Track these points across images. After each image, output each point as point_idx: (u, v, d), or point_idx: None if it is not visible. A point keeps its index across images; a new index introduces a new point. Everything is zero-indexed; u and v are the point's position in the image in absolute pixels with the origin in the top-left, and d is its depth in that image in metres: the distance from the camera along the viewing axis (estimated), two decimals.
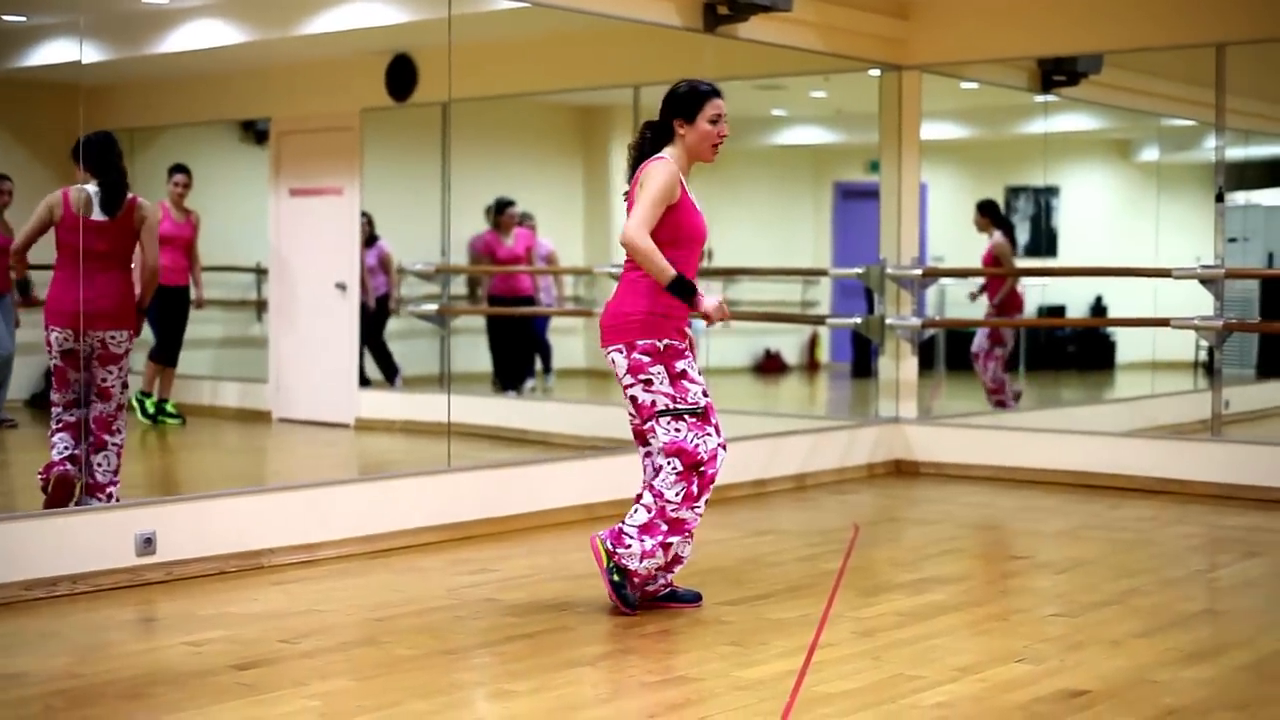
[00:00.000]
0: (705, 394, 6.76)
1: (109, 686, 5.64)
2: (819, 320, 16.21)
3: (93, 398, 7.95)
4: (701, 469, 6.68)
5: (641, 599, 6.88)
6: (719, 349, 14.42)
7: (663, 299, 6.65)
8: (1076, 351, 15.12)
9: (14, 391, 10.57)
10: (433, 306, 12.72)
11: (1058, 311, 14.63)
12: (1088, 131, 15.09)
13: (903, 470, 11.69)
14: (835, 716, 5.23)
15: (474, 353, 13.87)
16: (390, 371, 13.55)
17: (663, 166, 6.73)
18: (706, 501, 6.79)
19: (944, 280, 13.42)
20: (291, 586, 7.49)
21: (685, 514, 6.72)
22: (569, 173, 15.25)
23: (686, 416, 6.69)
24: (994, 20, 11.59)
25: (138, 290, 8.28)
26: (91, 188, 8.05)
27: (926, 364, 12.61)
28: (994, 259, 13.21)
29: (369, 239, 13.56)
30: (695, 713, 5.29)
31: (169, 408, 10.86)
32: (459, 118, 10.30)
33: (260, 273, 13.64)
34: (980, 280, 13.40)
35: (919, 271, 11.61)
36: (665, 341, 6.69)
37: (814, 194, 17.73)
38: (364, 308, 13.26)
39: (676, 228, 6.70)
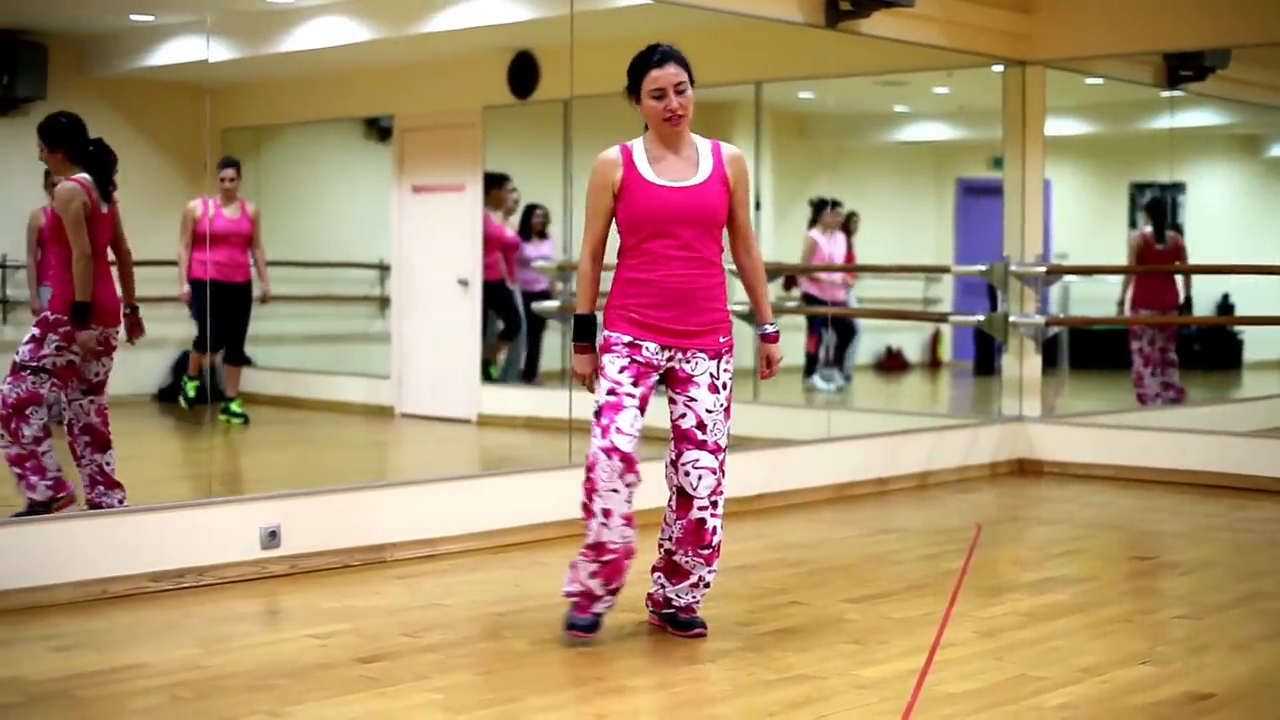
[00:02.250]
0: (614, 393, 6.10)
1: (233, 678, 5.70)
2: (941, 318, 16.14)
3: (87, 394, 7.71)
4: (589, 473, 6.09)
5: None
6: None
7: (627, 296, 6.16)
8: (1202, 350, 14.92)
9: (142, 385, 10.72)
10: (555, 303, 12.78)
11: (1183, 310, 14.46)
12: (1214, 127, 14.90)
13: (1026, 469, 11.59)
14: (956, 717, 5.20)
15: None
16: (530, 370, 13.60)
17: (596, 162, 6.23)
18: (603, 520, 6.07)
19: (1068, 277, 13.28)
20: (413, 580, 7.53)
21: (587, 523, 6.15)
22: None
23: (593, 418, 6.16)
24: (1119, 15, 11.46)
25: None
26: (86, 176, 7.63)
27: (1050, 362, 12.49)
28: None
29: (541, 232, 13.64)
30: (815, 711, 5.28)
31: (235, 407, 10.86)
32: (580, 115, 10.32)
33: (383, 269, 13.74)
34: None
35: (1043, 269, 11.52)
36: (606, 333, 6.20)
37: (936, 190, 17.63)
38: (526, 298, 13.35)
39: (629, 215, 6.16)
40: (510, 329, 13.51)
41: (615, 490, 6.07)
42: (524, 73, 12.51)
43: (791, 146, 15.20)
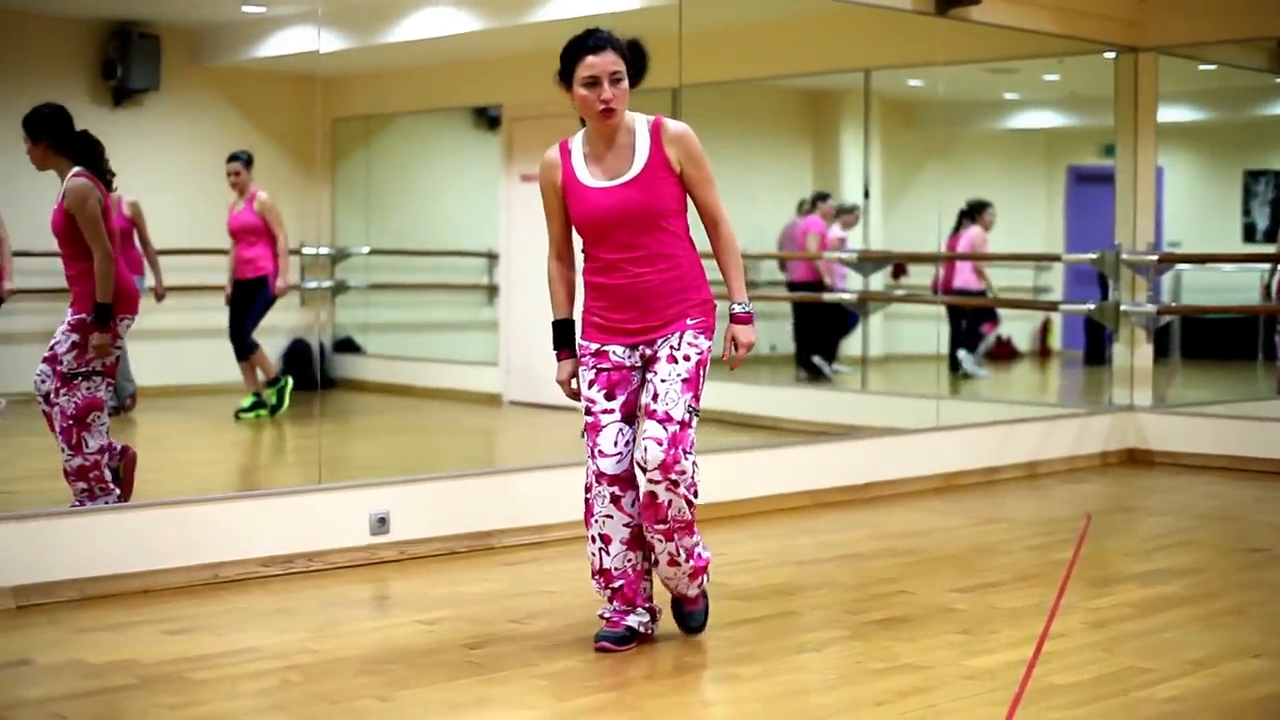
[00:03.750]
0: (590, 412, 5.92)
1: (343, 662, 5.75)
2: (1052, 306, 16.02)
3: (103, 375, 7.49)
4: (586, 497, 5.98)
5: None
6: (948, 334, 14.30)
7: (590, 300, 5.94)
8: None
9: (239, 373, 10.72)
10: None
11: None
12: None
13: (1136, 459, 11.49)
14: (1065, 708, 5.17)
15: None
16: None
17: (540, 170, 5.99)
18: (602, 546, 5.95)
19: (1180, 266, 13.15)
20: (520, 567, 7.57)
21: (588, 546, 6.03)
22: (798, 157, 15.22)
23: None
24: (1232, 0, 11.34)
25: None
26: (84, 170, 7.39)
27: (1162, 351, 12.38)
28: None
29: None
30: (923, 701, 5.26)
31: (244, 402, 10.75)
32: (689, 103, 10.30)
33: (491, 257, 13.80)
34: None
35: (1155, 257, 11.41)
36: (583, 343, 5.98)
37: (1047, 178, 17.50)
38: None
39: (574, 218, 5.91)
40: None
41: (610, 516, 5.91)
42: (633, 61, 12.50)
43: (900, 135, 15.14)
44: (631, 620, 6.00)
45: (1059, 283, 16.69)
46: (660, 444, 5.72)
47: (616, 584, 5.96)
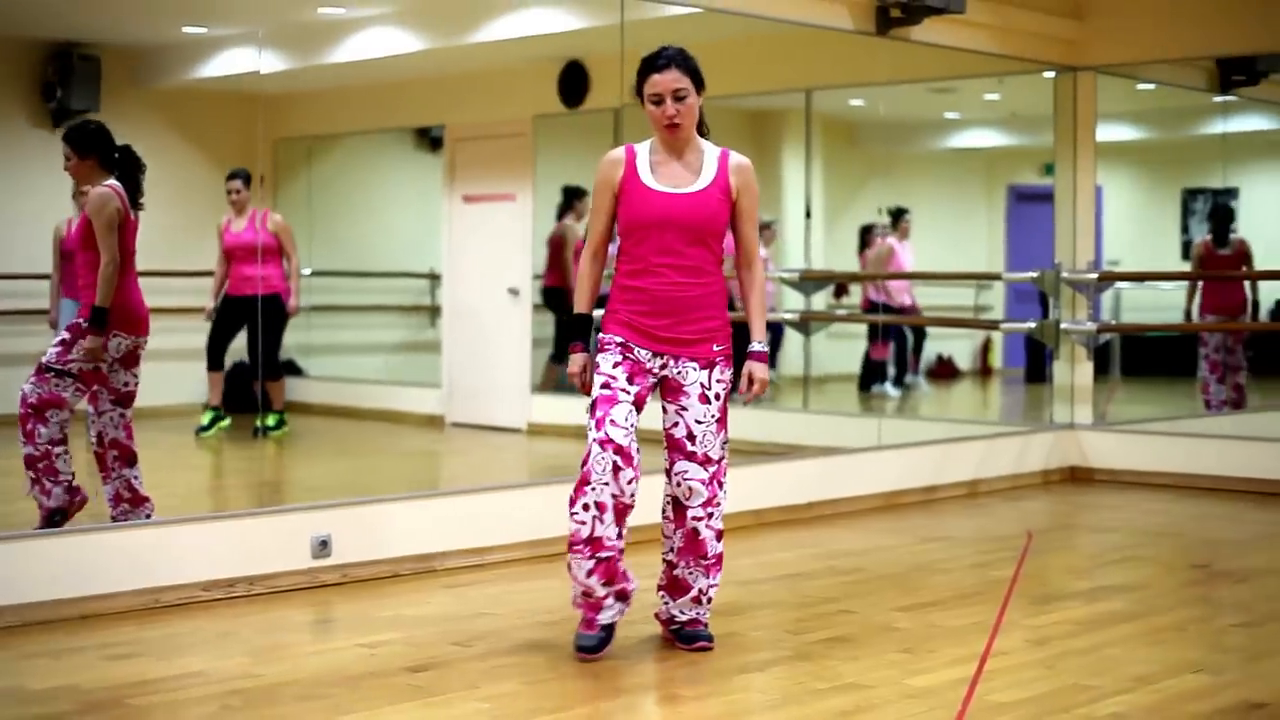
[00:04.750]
0: (609, 386, 6.02)
1: (285, 687, 5.73)
2: (993, 325, 16.07)
3: (116, 405, 7.58)
4: (583, 463, 6.01)
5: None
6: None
7: (619, 302, 6.13)
8: (1256, 356, 14.82)
9: (190, 395, 10.71)
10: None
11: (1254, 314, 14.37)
12: (1268, 132, 14.82)
13: (1078, 477, 11.55)
14: None
15: None
16: None
17: (599, 166, 6.26)
18: (596, 514, 5.98)
19: (1119, 284, 13.23)
20: (463, 590, 7.55)
21: (570, 523, 6.05)
22: None
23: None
24: (1171, 19, 11.42)
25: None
26: (115, 182, 7.54)
27: (1102, 369, 12.45)
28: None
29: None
30: None
31: (269, 420, 10.77)
32: (632, 123, 10.31)
33: (434, 278, 13.78)
34: None
35: (1095, 275, 11.47)
36: (602, 335, 6.16)
37: (987, 197, 17.58)
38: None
39: (624, 217, 6.13)
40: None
41: (607, 484, 5.97)
42: (574, 82, 12.54)
43: (842, 154, 15.19)
44: (604, 617, 6.14)
45: (1000, 301, 16.76)
46: (705, 484, 6.14)
47: (605, 554, 6.04)
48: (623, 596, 6.19)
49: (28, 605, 6.72)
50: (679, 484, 6.15)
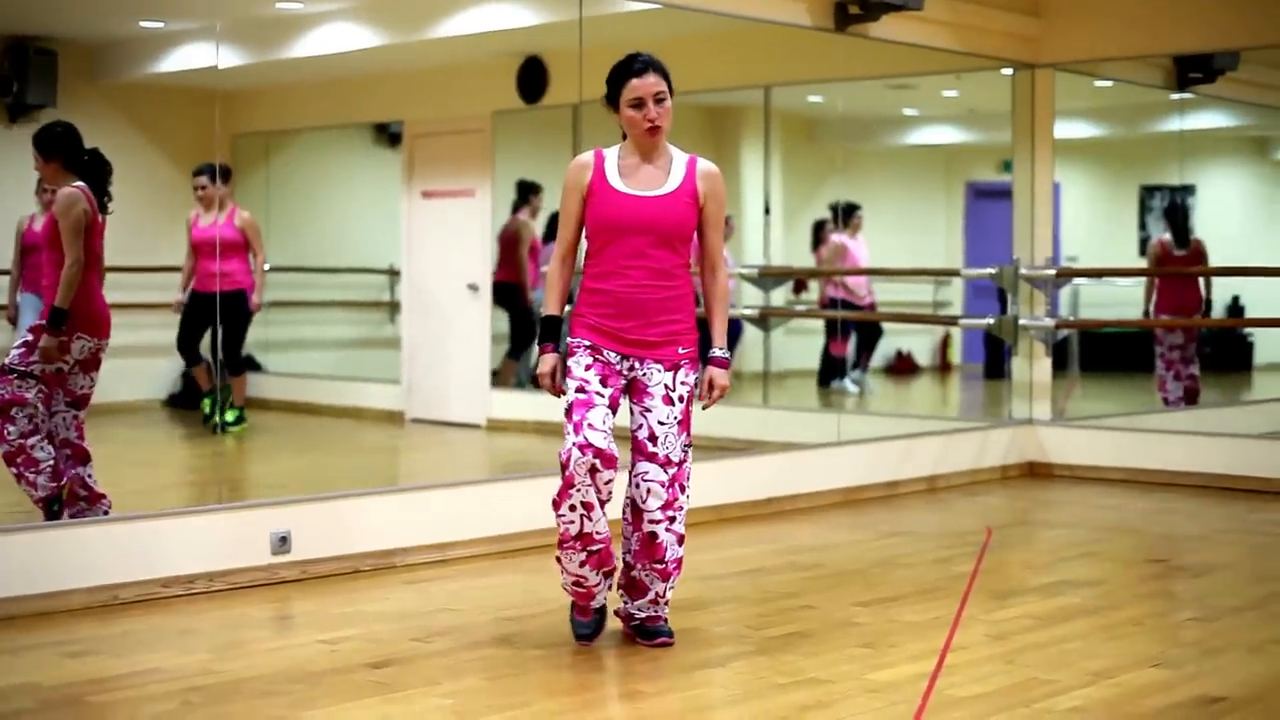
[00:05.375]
0: (583, 390, 6.03)
1: (245, 683, 5.71)
2: (951, 321, 16.12)
3: (71, 406, 7.63)
4: (563, 470, 5.99)
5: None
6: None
7: (586, 305, 6.14)
8: (1213, 352, 14.90)
9: (150, 391, 10.70)
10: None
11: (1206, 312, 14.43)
12: (1225, 129, 14.89)
13: (1036, 472, 11.59)
14: None
15: None
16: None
17: (568, 169, 6.25)
18: (584, 513, 6.01)
19: (1077, 280, 13.27)
20: (424, 586, 7.54)
21: (556, 521, 6.09)
22: None
23: (564, 418, 6.09)
24: (1128, 17, 11.46)
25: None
26: (83, 184, 7.52)
27: (1060, 365, 12.49)
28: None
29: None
30: (826, 715, 5.28)
31: (228, 416, 10.66)
32: (590, 120, 10.31)
33: (393, 274, 13.75)
34: None
35: (1053, 272, 11.51)
36: (570, 340, 6.18)
37: (946, 194, 17.62)
38: None
39: (592, 220, 6.14)
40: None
41: (591, 484, 6.00)
42: (533, 78, 12.52)
43: (800, 150, 15.20)
44: (598, 601, 6.29)
45: (958, 297, 16.82)
46: (663, 486, 6.14)
47: (596, 547, 6.09)
48: (609, 574, 6.26)
49: None
50: (637, 485, 6.16)
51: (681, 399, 6.18)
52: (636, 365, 6.14)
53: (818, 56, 11.41)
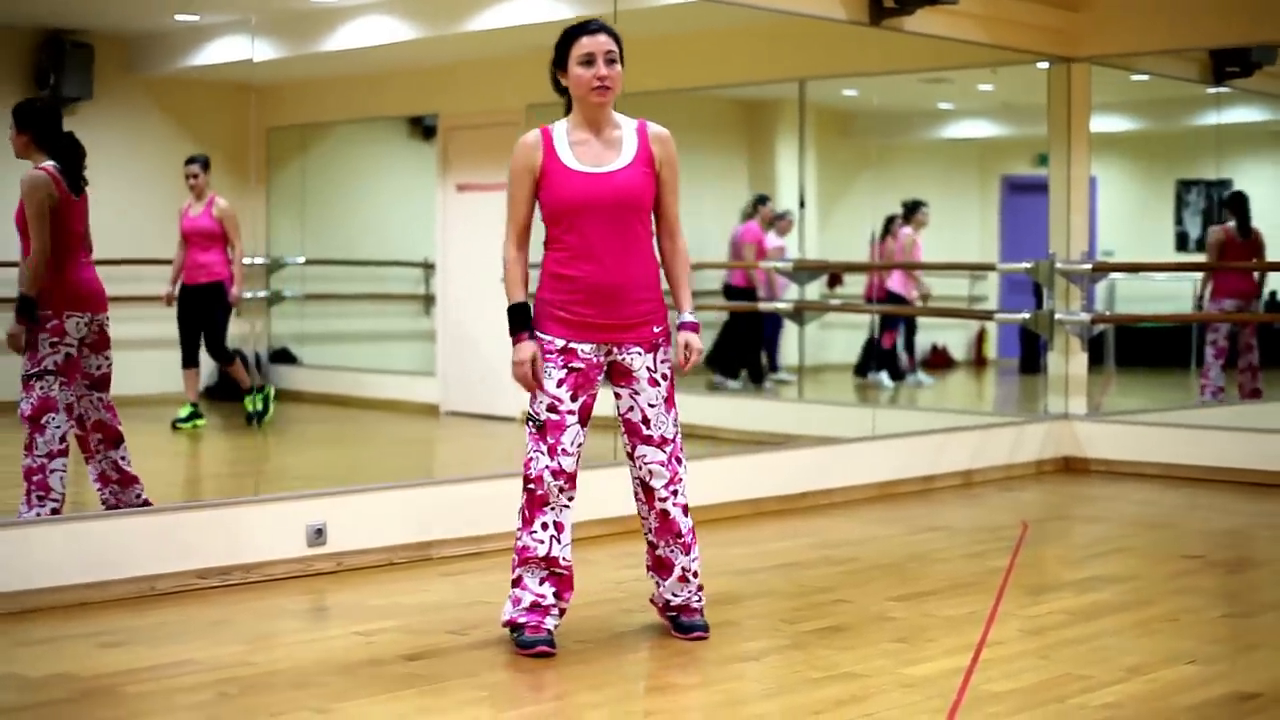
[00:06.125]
0: (555, 410, 5.96)
1: (280, 674, 5.73)
2: (987, 315, 16.08)
3: (91, 389, 7.60)
4: (531, 487, 5.99)
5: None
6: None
7: (553, 292, 6.01)
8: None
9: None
10: None
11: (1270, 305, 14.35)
12: (1262, 123, 14.82)
13: (1072, 467, 11.55)
14: (1002, 715, 5.19)
15: None
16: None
17: (515, 147, 6.05)
18: (554, 534, 6.01)
19: (1113, 275, 13.23)
20: (460, 578, 7.55)
21: (525, 539, 6.02)
22: (734, 167, 15.24)
23: (530, 425, 6.03)
24: (1165, 11, 11.41)
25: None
26: (53, 164, 7.44)
27: (1096, 360, 12.45)
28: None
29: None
30: (861, 709, 5.27)
31: (181, 412, 10.53)
32: (625, 112, 10.31)
33: (428, 267, 13.77)
34: None
35: (1089, 266, 11.47)
36: (537, 334, 6.02)
37: (981, 188, 17.57)
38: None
39: (550, 204, 5.98)
40: None
41: (566, 506, 6.04)
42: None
43: (835, 144, 15.18)
44: (550, 622, 6.06)
45: (994, 292, 16.77)
46: (664, 465, 6.13)
47: (560, 571, 6.04)
48: (563, 603, 6.15)
49: (23, 593, 6.72)
50: (641, 467, 6.16)
51: (665, 377, 6.09)
52: (615, 349, 6.03)
53: (853, 50, 11.39)
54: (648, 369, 6.07)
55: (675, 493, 6.18)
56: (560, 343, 5.98)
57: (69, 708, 5.32)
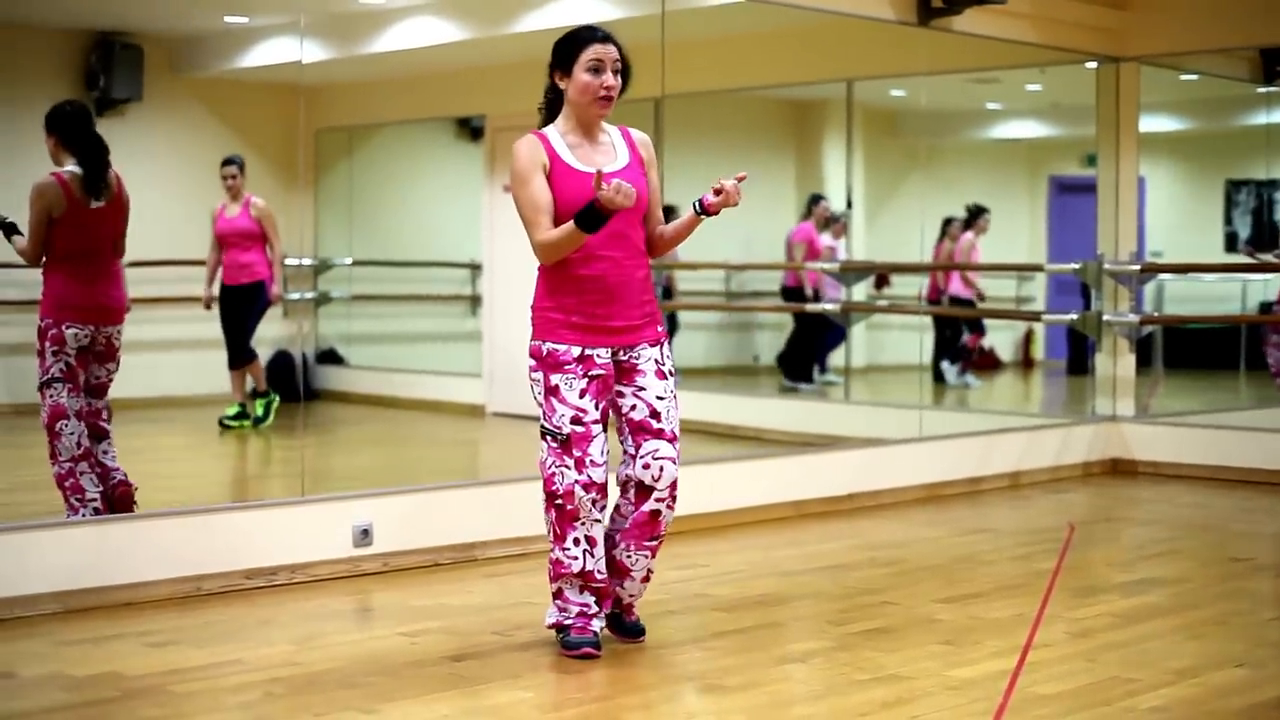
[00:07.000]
0: (580, 421, 5.90)
1: (326, 675, 5.74)
2: (1034, 316, 16.03)
3: (89, 395, 7.59)
4: (559, 503, 5.94)
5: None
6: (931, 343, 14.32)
7: (563, 297, 5.92)
8: None
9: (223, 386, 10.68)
10: None
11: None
12: None
13: (1119, 469, 11.50)
14: (1049, 718, 5.17)
15: (689, 349, 13.90)
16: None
17: (516, 148, 5.93)
18: (587, 548, 5.96)
19: (1162, 276, 13.17)
20: (504, 579, 7.56)
21: (557, 554, 5.98)
22: (782, 168, 15.22)
23: (549, 439, 5.97)
24: (1214, 10, 11.36)
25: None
26: (70, 170, 7.46)
27: (1144, 361, 12.39)
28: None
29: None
30: (906, 711, 5.26)
31: (229, 411, 10.51)
32: (672, 113, 10.31)
33: (474, 268, 13.79)
34: None
35: (1137, 267, 11.42)
36: (548, 345, 5.93)
37: (1029, 188, 17.52)
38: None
39: (562, 203, 5.86)
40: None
41: (598, 520, 5.97)
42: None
43: (883, 145, 15.15)
44: (595, 625, 6.04)
45: (1041, 293, 16.72)
46: (675, 463, 5.99)
47: (597, 585, 6.00)
48: (604, 607, 6.13)
49: (69, 592, 6.76)
50: (647, 465, 5.97)
51: (673, 373, 6.07)
52: (624, 351, 5.98)
53: (901, 50, 11.36)
54: (655, 361, 6.01)
55: (674, 497, 6.04)
56: (577, 350, 5.91)
57: (115, 707, 5.34)
